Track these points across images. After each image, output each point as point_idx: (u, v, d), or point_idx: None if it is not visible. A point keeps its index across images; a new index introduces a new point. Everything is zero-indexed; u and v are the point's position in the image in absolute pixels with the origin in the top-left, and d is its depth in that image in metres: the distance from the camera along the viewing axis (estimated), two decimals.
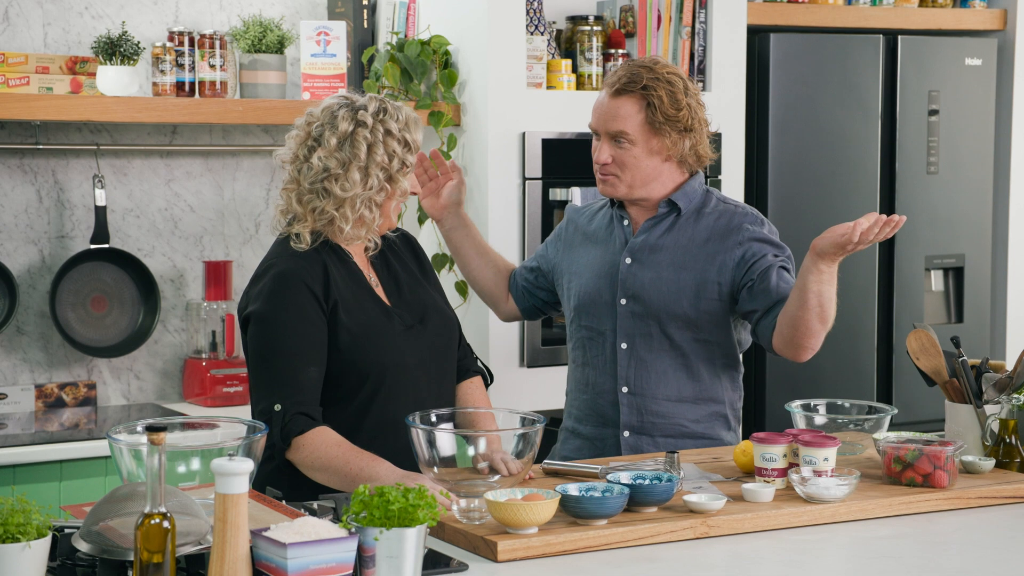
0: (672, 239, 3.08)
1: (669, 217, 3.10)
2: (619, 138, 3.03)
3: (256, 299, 2.77)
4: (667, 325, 3.06)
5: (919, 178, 4.74)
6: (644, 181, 3.07)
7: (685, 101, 3.02)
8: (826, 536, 2.45)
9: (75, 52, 3.98)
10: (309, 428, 2.67)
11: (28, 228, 4.00)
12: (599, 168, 3.07)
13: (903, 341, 3.74)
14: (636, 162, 3.04)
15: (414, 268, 2.97)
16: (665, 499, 2.46)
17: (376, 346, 2.78)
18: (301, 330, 2.72)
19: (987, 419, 2.90)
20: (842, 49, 4.59)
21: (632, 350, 3.08)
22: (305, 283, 2.74)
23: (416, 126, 2.83)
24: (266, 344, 2.74)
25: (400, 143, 2.79)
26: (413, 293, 2.91)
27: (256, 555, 1.99)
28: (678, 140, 3.03)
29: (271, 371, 2.72)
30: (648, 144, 3.03)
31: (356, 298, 2.80)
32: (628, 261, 3.09)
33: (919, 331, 3.03)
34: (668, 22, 4.29)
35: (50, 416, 3.92)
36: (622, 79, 3.03)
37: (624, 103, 3.02)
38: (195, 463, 2.28)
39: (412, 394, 2.81)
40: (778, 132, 4.50)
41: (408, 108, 2.86)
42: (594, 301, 3.12)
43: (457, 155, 4.10)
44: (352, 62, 4.17)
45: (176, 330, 4.17)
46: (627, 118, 3.02)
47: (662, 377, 3.07)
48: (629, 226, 3.13)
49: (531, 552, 2.27)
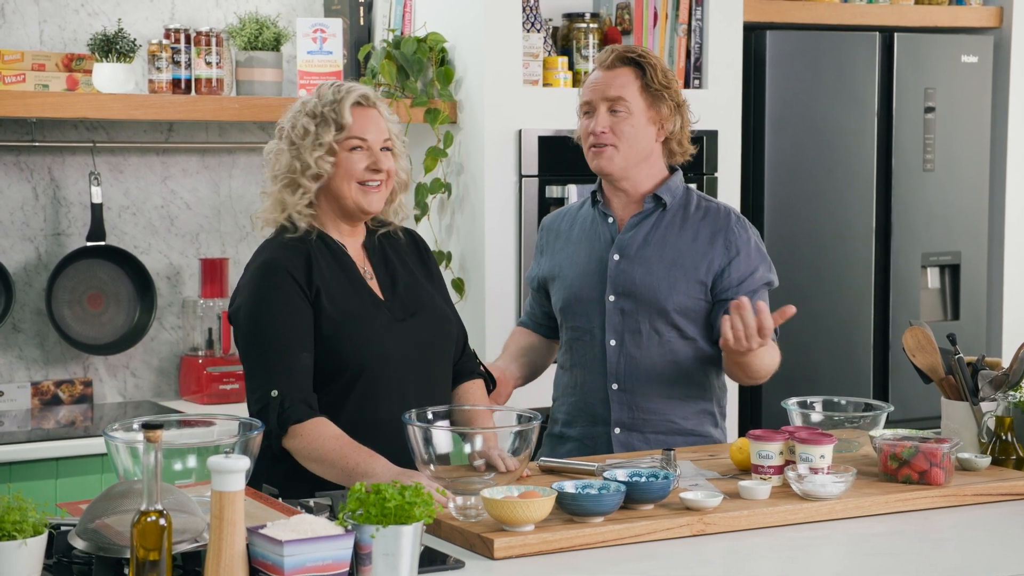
0: (660, 235, 3.09)
1: (655, 213, 3.10)
2: (617, 107, 3.04)
3: (242, 291, 2.80)
4: (656, 321, 3.06)
5: (915, 175, 4.74)
6: (638, 157, 3.07)
7: (674, 77, 3.11)
8: (822, 533, 2.45)
9: (71, 49, 3.97)
10: (308, 417, 2.67)
11: (24, 225, 3.99)
12: (594, 139, 3.06)
13: (899, 338, 3.73)
14: (634, 131, 3.05)
15: (416, 266, 2.95)
16: (662, 496, 2.46)
17: (358, 335, 2.77)
18: (289, 317, 2.73)
19: (983, 416, 2.91)
20: (838, 46, 4.59)
21: (621, 347, 3.08)
22: (287, 270, 2.75)
23: (344, 102, 2.77)
24: (257, 333, 2.75)
25: (314, 118, 2.78)
26: (409, 289, 2.89)
27: (253, 552, 1.99)
28: (671, 115, 3.07)
29: (264, 359, 2.72)
30: (646, 113, 3.06)
31: (342, 287, 2.79)
32: (616, 258, 3.09)
33: (915, 328, 3.03)
34: (664, 19, 4.29)
35: (46, 413, 3.92)
36: (614, 52, 3.09)
37: (620, 73, 3.07)
38: (191, 460, 2.28)
39: (396, 391, 2.78)
40: (774, 129, 4.50)
41: (359, 86, 2.84)
42: (581, 299, 3.12)
43: (453, 152, 4.10)
44: (348, 59, 4.17)
45: (172, 327, 4.17)
46: (625, 85, 3.05)
47: (651, 373, 3.07)
48: (615, 223, 3.13)
49: (528, 549, 2.27)
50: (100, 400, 4.07)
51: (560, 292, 3.17)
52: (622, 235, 3.11)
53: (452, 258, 4.08)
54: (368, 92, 2.84)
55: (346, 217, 2.85)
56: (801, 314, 4.51)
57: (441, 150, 4.04)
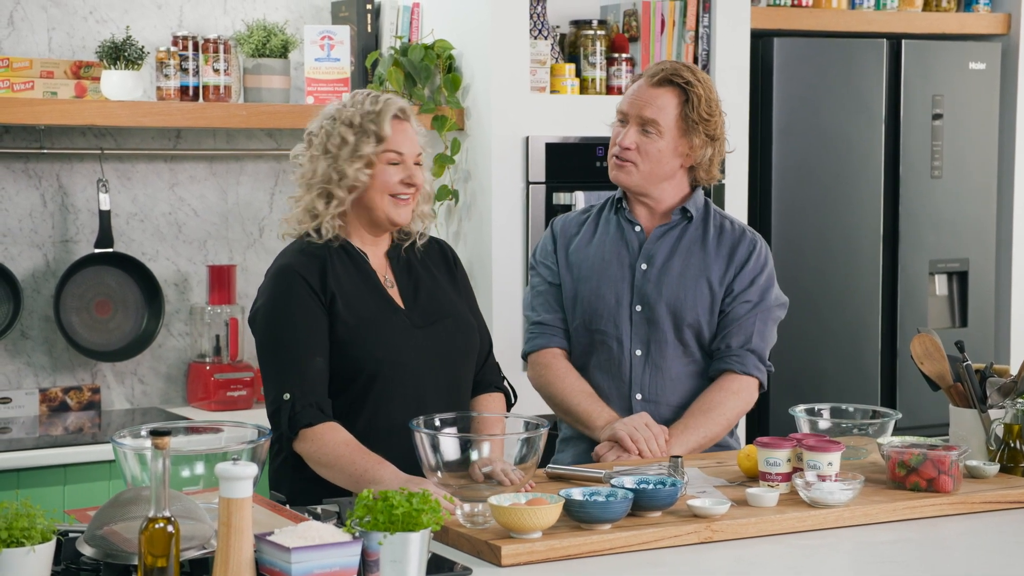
0: (685, 247, 3.10)
1: (680, 225, 3.11)
2: (649, 127, 3.04)
3: (260, 296, 2.83)
4: (682, 332, 3.07)
5: (923, 182, 4.73)
6: (658, 178, 3.07)
7: (718, 109, 3.08)
8: (830, 541, 2.45)
9: (79, 56, 3.98)
10: (319, 421, 2.68)
11: (32, 232, 4.00)
12: (618, 152, 3.06)
13: (907, 345, 3.73)
14: (659, 155, 3.05)
15: (442, 275, 2.95)
16: (669, 504, 2.46)
17: (373, 341, 2.78)
18: (303, 321, 2.74)
19: (991, 423, 2.90)
20: (846, 53, 4.59)
21: (647, 357, 3.08)
22: (301, 275, 2.76)
23: (384, 114, 2.79)
24: (271, 337, 2.76)
25: (353, 129, 2.79)
26: (431, 297, 2.89)
27: (260, 559, 1.99)
28: (702, 146, 3.06)
29: (278, 362, 2.74)
30: (676, 141, 3.05)
31: (359, 293, 2.80)
32: (644, 267, 3.09)
33: (923, 335, 3.03)
34: (672, 26, 4.29)
35: (54, 420, 3.92)
36: (665, 70, 3.06)
37: (663, 93, 3.05)
38: (199, 467, 2.29)
39: (412, 397, 2.79)
40: (782, 136, 4.50)
41: (396, 98, 2.84)
42: (607, 306, 3.10)
43: (461, 159, 4.10)
44: (356, 66, 4.18)
45: (180, 334, 4.18)
46: (663, 109, 3.04)
47: (677, 384, 3.07)
48: (642, 231, 3.13)
49: (535, 557, 2.27)
50: (108, 407, 4.08)
51: (583, 297, 3.13)
52: (649, 244, 3.11)
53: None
54: (405, 105, 2.85)
55: (373, 227, 2.86)
56: (809, 321, 4.56)
57: (448, 157, 4.05)
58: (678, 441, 2.96)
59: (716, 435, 3.03)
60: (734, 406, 3.05)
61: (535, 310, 3.19)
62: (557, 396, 3.10)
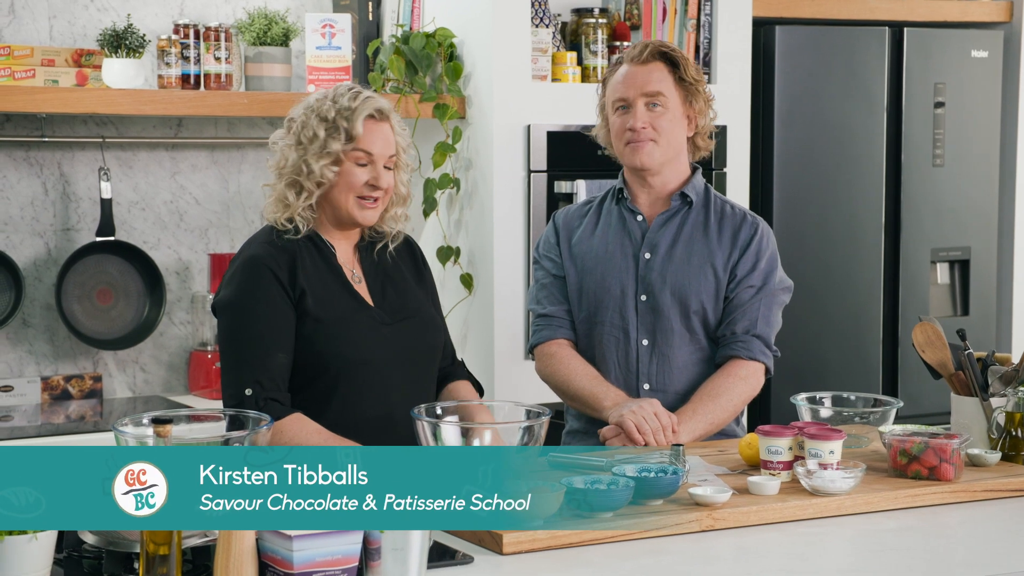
0: (687, 234, 3.09)
1: (681, 211, 3.11)
2: (655, 101, 3.05)
3: (225, 285, 2.81)
4: (688, 319, 3.07)
5: (925, 171, 4.73)
6: (674, 152, 3.10)
7: (701, 72, 3.12)
8: (832, 529, 2.45)
9: (80, 45, 3.98)
10: (284, 415, 2.68)
11: (34, 221, 4.00)
12: (632, 136, 3.06)
13: (909, 334, 3.73)
14: (671, 126, 3.07)
15: (408, 272, 2.95)
16: (671, 492, 2.46)
17: (340, 337, 2.77)
18: (268, 316, 2.73)
19: (993, 412, 2.90)
20: (848, 41, 4.59)
21: (654, 346, 3.08)
22: (270, 269, 2.75)
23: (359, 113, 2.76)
24: (234, 330, 2.76)
25: (326, 124, 2.77)
26: (399, 294, 2.89)
27: (262, 547, 1.99)
28: (703, 109, 3.09)
29: (239, 356, 2.73)
30: (681, 108, 3.08)
31: (327, 289, 2.79)
32: (647, 256, 3.09)
33: (925, 324, 3.03)
34: (673, 14, 4.29)
35: (56, 408, 3.93)
36: (646, 48, 3.09)
37: (656, 67, 3.08)
38: None
39: (379, 393, 2.79)
40: (783, 125, 4.49)
41: (377, 97, 2.81)
42: (613, 297, 3.10)
43: (462, 147, 4.10)
44: (357, 55, 4.17)
45: (182, 323, 4.18)
46: (663, 80, 3.06)
47: (683, 372, 3.07)
48: (644, 221, 3.13)
49: (536, 544, 2.27)
50: (109, 395, 4.08)
51: (588, 287, 3.13)
52: (651, 233, 3.11)
53: (460, 253, 4.08)
54: (383, 106, 2.82)
55: (340, 224, 2.85)
56: (810, 310, 4.56)
57: (450, 145, 4.04)
58: (686, 427, 2.96)
59: (723, 421, 3.03)
60: (741, 391, 3.05)
61: (540, 303, 3.19)
62: (563, 381, 3.10)
